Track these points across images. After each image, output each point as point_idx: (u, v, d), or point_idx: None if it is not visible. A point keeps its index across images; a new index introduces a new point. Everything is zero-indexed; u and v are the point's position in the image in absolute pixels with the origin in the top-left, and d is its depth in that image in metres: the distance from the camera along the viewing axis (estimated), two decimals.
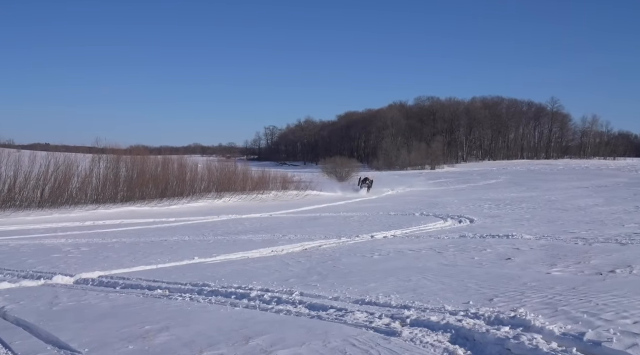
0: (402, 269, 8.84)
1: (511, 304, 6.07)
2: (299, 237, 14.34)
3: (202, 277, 8.67)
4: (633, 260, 8.81)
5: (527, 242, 11.65)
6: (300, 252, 11.82)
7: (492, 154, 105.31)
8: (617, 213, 18.16)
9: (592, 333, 4.77)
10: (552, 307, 5.79)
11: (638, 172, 55.68)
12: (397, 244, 12.62)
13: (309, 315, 6.05)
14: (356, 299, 6.67)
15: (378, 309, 6.15)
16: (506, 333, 4.95)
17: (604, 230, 13.41)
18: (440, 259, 9.89)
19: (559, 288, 6.81)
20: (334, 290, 7.30)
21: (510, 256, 9.83)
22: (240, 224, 19.72)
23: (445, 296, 6.65)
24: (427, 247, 11.57)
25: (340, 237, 14.02)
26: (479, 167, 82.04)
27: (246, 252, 11.82)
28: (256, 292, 7.27)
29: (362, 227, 16.68)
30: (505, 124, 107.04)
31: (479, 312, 5.72)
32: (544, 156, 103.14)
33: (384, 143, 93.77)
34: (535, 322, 5.15)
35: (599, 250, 10.14)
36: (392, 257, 10.42)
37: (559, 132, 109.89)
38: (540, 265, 8.82)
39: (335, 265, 9.60)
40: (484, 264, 9.19)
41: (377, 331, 5.28)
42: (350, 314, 5.91)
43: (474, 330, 5.12)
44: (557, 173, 57.38)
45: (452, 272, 8.40)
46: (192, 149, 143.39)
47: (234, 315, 6.19)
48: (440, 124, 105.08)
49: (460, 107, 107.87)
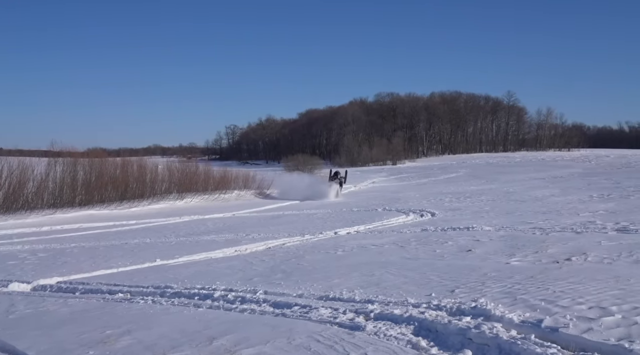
0: (366, 264, 8.91)
1: (472, 294, 6.18)
2: (262, 236, 14.28)
3: (164, 279, 8.56)
4: (588, 248, 9.07)
5: (487, 234, 11.87)
6: (264, 251, 11.79)
7: (452, 148, 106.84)
8: (573, 203, 18.67)
9: (549, 320, 4.90)
10: (512, 296, 5.93)
11: (592, 162, 57.32)
12: (360, 239, 12.70)
13: (273, 314, 6.04)
14: (320, 296, 6.69)
15: (342, 304, 6.18)
16: (467, 323, 5.04)
17: (560, 220, 13.77)
18: (402, 253, 9.99)
19: (518, 277, 6.96)
20: (298, 287, 7.30)
21: (470, 248, 10.00)
22: (203, 224, 19.52)
23: (408, 289, 6.73)
24: (390, 242, 11.67)
25: (304, 235, 14.03)
26: (440, 161, 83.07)
27: (209, 253, 11.72)
28: (220, 293, 7.22)
29: (325, 224, 16.72)
30: (464, 119, 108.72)
31: (441, 303, 5.81)
32: (501, 149, 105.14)
33: (346, 140, 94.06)
34: (495, 312, 5.27)
35: (555, 239, 10.41)
36: (355, 253, 10.48)
37: (516, 125, 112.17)
38: (499, 255, 9.00)
39: (299, 263, 9.60)
40: (445, 256, 9.32)
41: (342, 326, 5.31)
42: (315, 311, 5.93)
43: (437, 321, 5.20)
44: (514, 165, 58.59)
45: (414, 266, 8.50)
46: (152, 150, 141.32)
47: (198, 316, 6.13)
48: (400, 120, 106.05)
49: (419, 102, 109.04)
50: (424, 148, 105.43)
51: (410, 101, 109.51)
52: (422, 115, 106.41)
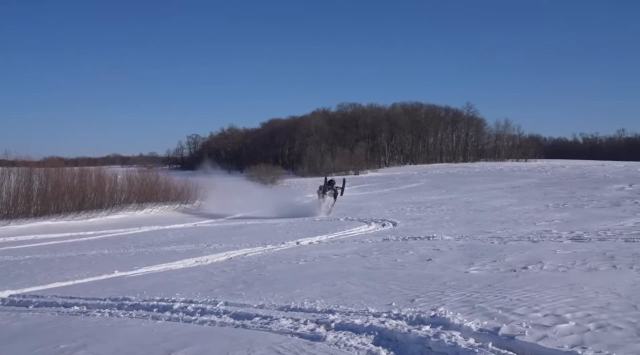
0: (327, 274, 8.91)
1: (432, 303, 6.25)
2: (223, 246, 14.17)
3: (122, 291, 8.40)
4: (544, 256, 9.27)
5: (447, 243, 12.03)
6: (225, 262, 11.69)
7: (413, 158, 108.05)
8: (530, 212, 19.09)
9: (506, 328, 4.99)
10: (470, 305, 6.01)
11: (548, 173, 58.72)
12: (322, 249, 12.71)
13: (233, 325, 5.99)
14: (281, 306, 6.66)
15: (303, 314, 6.17)
16: (427, 332, 5.09)
17: (517, 229, 14.06)
18: (364, 263, 10.03)
19: (476, 286, 7.07)
20: (259, 298, 7.26)
21: (431, 257, 10.11)
22: (163, 235, 19.26)
23: (369, 299, 6.76)
24: (352, 252, 11.71)
25: (266, 245, 13.97)
26: (401, 171, 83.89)
27: (169, 264, 11.55)
28: (179, 304, 7.12)
29: (287, 234, 16.69)
30: (425, 129, 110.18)
31: (402, 312, 5.85)
32: (461, 159, 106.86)
33: (309, 150, 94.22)
34: (454, 320, 5.33)
35: (513, 248, 10.62)
36: (317, 263, 10.48)
37: (475, 136, 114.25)
38: (459, 264, 9.12)
39: (260, 273, 9.54)
40: (406, 265, 9.40)
41: (302, 337, 5.29)
42: (276, 321, 5.90)
43: (397, 330, 5.23)
44: (474, 175, 59.60)
45: (375, 275, 8.55)
46: (111, 160, 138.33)
47: (156, 328, 6.03)
48: (362, 130, 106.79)
49: (381, 113, 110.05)
50: (386, 158, 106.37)
51: (373, 112, 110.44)
52: (384, 125, 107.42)
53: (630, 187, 29.15)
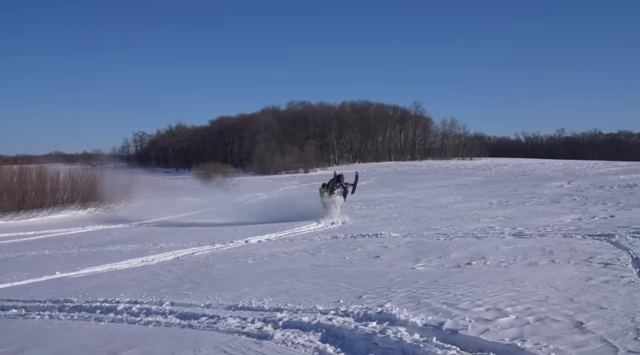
0: (276, 272, 8.89)
1: (379, 300, 6.32)
2: (171, 246, 13.94)
3: (63, 293, 8.14)
4: (487, 252, 9.53)
5: (395, 240, 12.19)
6: (172, 261, 11.51)
7: (362, 156, 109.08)
8: (474, 209, 19.57)
9: (450, 322, 5.11)
10: (416, 301, 6.12)
11: (492, 171, 60.37)
12: (271, 247, 12.68)
13: (179, 325, 5.90)
14: (229, 305, 6.61)
15: (251, 313, 6.14)
16: (373, 328, 5.15)
17: (462, 226, 14.39)
18: (313, 261, 10.06)
19: (422, 282, 7.20)
20: (206, 297, 7.17)
21: (379, 254, 10.23)
22: (108, 234, 18.80)
23: (317, 296, 6.78)
24: (301, 250, 11.73)
25: (214, 244, 13.83)
26: (351, 169, 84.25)
27: (114, 264, 11.28)
28: (124, 305, 6.96)
29: (236, 233, 16.55)
30: (374, 128, 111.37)
31: (349, 309, 5.90)
32: (409, 158, 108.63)
33: (258, 148, 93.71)
34: (400, 316, 5.41)
35: (458, 244, 10.86)
36: (266, 261, 10.45)
37: (422, 134, 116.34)
38: (406, 261, 9.26)
39: (208, 272, 9.44)
40: (354, 263, 9.48)
41: (250, 336, 5.27)
42: (223, 321, 5.85)
43: (344, 327, 5.27)
44: (421, 173, 60.68)
45: (324, 273, 8.59)
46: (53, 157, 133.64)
47: (99, 330, 5.88)
48: (312, 128, 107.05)
49: (331, 111, 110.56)
50: (336, 156, 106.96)
51: (322, 110, 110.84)
52: (334, 124, 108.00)
53: (569, 185, 30.28)
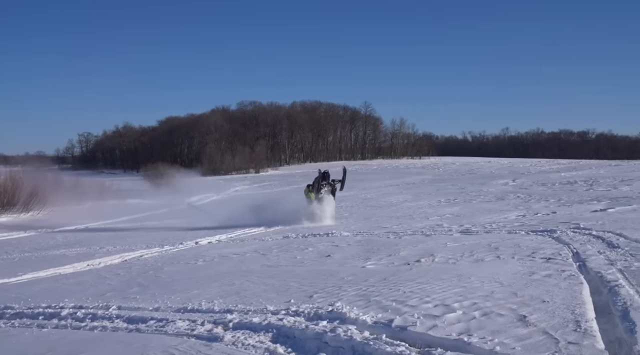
0: (227, 274, 8.82)
1: (329, 298, 6.35)
2: (118, 249, 13.64)
3: (4, 300, 7.84)
4: (435, 249, 9.71)
5: (346, 239, 12.28)
6: (120, 264, 11.26)
7: (313, 156, 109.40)
8: (423, 207, 19.92)
9: (399, 319, 5.18)
10: (366, 299, 6.17)
11: (440, 169, 61.61)
12: (222, 248, 12.57)
13: (127, 330, 5.78)
14: (178, 308, 6.51)
15: (201, 315, 6.06)
16: (324, 327, 5.17)
17: (412, 224, 14.62)
18: (264, 261, 10.03)
19: (372, 280, 7.27)
20: (155, 300, 7.05)
21: (330, 253, 10.27)
22: (52, 238, 18.23)
23: (267, 297, 6.76)
24: (252, 250, 11.67)
25: (163, 246, 13.60)
26: (302, 169, 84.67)
27: (58, 268, 10.94)
28: (68, 310, 6.76)
29: (186, 234, 16.34)
30: (324, 128, 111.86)
31: (300, 309, 5.90)
32: (360, 157, 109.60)
33: (208, 148, 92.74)
34: (350, 314, 5.45)
35: (407, 242, 11.02)
36: (216, 263, 10.35)
37: (372, 134, 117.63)
38: (356, 259, 9.33)
39: (157, 275, 9.28)
40: (305, 262, 9.50)
41: (199, 338, 5.21)
42: (172, 324, 5.76)
43: (295, 327, 5.27)
44: (371, 173, 61.33)
45: (275, 273, 8.57)
46: None
47: (41, 337, 5.69)
48: (263, 128, 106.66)
49: (281, 111, 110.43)
50: (287, 156, 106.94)
51: (273, 110, 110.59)
52: (284, 124, 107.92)
53: (513, 182, 31.19)
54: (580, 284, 6.20)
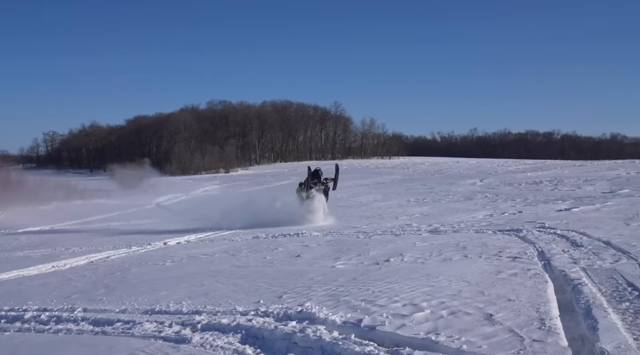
0: (195, 274, 8.74)
1: (299, 299, 6.34)
2: (84, 250, 13.38)
3: None
4: (405, 249, 9.78)
5: (315, 239, 12.29)
6: (86, 266, 11.05)
7: (284, 156, 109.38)
8: (393, 207, 20.06)
9: (368, 319, 5.20)
10: (335, 298, 6.19)
11: (409, 169, 62.18)
12: (190, 249, 12.46)
13: (92, 332, 5.67)
14: (146, 310, 6.42)
15: (168, 317, 6.00)
16: (293, 328, 5.17)
17: (381, 224, 14.71)
18: (233, 261, 9.97)
19: (342, 280, 7.29)
20: (121, 302, 6.94)
21: (299, 253, 10.26)
22: (15, 239, 17.81)
23: (237, 298, 6.72)
24: (221, 251, 11.58)
25: (131, 246, 13.40)
26: (272, 169, 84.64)
27: (21, 270, 10.67)
28: (31, 313, 6.60)
29: (154, 235, 16.13)
30: (295, 127, 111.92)
31: (269, 310, 5.88)
32: (330, 157, 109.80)
33: (177, 148, 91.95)
34: (319, 314, 5.46)
35: (377, 242, 11.08)
36: (185, 263, 10.25)
37: (343, 134, 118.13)
38: (326, 259, 9.34)
39: (124, 276, 9.14)
40: (275, 262, 9.47)
41: (167, 340, 5.15)
42: (139, 326, 5.68)
43: (264, 328, 5.25)
44: (342, 172, 61.23)
45: (244, 273, 8.52)
46: None
47: (3, 341, 5.55)
48: (233, 128, 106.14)
49: (251, 111, 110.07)
50: (257, 156, 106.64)
51: (243, 109, 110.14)
52: (254, 123, 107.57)
53: (481, 182, 31.63)
54: (545, 283, 6.33)
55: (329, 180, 18.20)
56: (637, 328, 4.57)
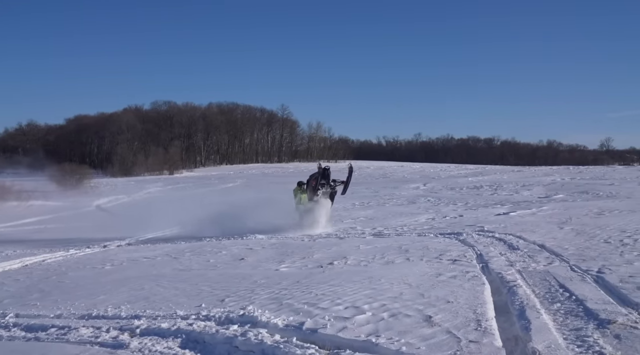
0: (136, 278, 8.55)
1: (241, 302, 6.30)
2: (18, 253, 12.89)
3: None
4: (348, 252, 9.86)
5: (260, 242, 12.23)
6: (20, 269, 10.63)
7: (229, 158, 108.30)
8: (338, 210, 20.14)
9: (310, 322, 5.22)
10: (278, 302, 6.18)
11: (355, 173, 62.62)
12: (131, 252, 12.17)
13: (24, 338, 5.47)
14: (82, 314, 6.24)
15: (106, 322, 5.84)
16: (235, 331, 5.13)
17: (326, 227, 14.73)
18: (175, 265, 9.80)
19: (285, 283, 7.29)
20: (57, 307, 6.72)
21: (243, 256, 10.20)
22: None
23: (178, 301, 6.61)
24: (163, 254, 11.38)
25: (69, 250, 12.99)
26: (217, 171, 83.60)
27: None
28: None
29: (94, 237, 15.67)
30: (241, 130, 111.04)
31: (211, 313, 5.82)
32: (276, 160, 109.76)
33: (120, 148, 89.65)
34: (261, 318, 5.44)
35: (321, 245, 11.13)
36: (125, 267, 10.00)
37: (289, 137, 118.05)
38: (270, 263, 9.32)
39: (60, 281, 8.85)
40: (218, 266, 9.38)
41: (103, 346, 5.02)
42: (74, 331, 5.51)
43: (205, 332, 5.19)
44: (288, 175, 61.36)
45: (186, 277, 8.40)
46: None
47: None
48: (177, 129, 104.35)
49: (197, 112, 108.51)
50: (202, 158, 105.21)
51: (188, 110, 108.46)
52: (200, 125, 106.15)
53: (424, 186, 32.28)
54: (483, 285, 6.51)
55: (337, 182, 16.13)
56: (567, 328, 4.77)
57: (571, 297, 5.73)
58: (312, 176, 15.59)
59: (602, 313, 5.06)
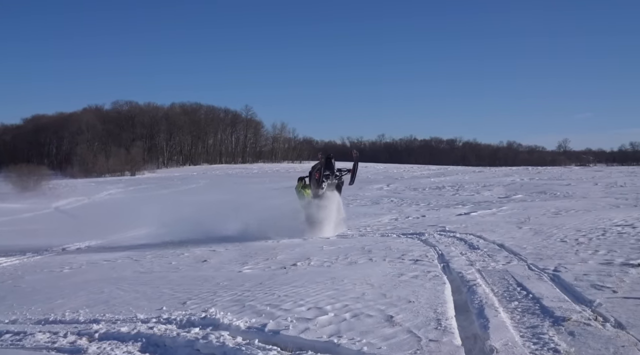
0: (95, 281, 8.40)
1: (203, 305, 6.25)
2: None
3: None
4: (312, 253, 9.88)
5: (223, 243, 12.13)
6: None
7: (193, 159, 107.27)
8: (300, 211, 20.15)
9: (273, 323, 5.21)
10: (241, 304, 6.15)
11: None
12: (91, 255, 11.95)
13: None
14: (39, 319, 6.10)
15: (64, 327, 5.72)
16: (196, 334, 5.09)
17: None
18: (137, 267, 9.67)
19: (248, 285, 7.26)
20: (12, 312, 6.54)
21: (206, 258, 10.12)
22: None
23: (138, 305, 6.52)
24: (124, 256, 11.20)
25: (25, 253, 12.64)
26: (180, 172, 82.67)
27: None
28: None
29: (52, 240, 15.26)
30: (205, 130, 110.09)
31: (172, 316, 5.76)
32: (240, 161, 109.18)
33: (79, 149, 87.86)
34: (224, 320, 5.41)
35: (284, 246, 11.12)
36: (84, 270, 9.81)
37: (254, 138, 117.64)
38: (233, 264, 9.27)
39: (16, 285, 8.63)
40: (180, 268, 9.28)
41: (60, 351, 4.93)
42: (30, 337, 5.38)
43: (165, 335, 5.14)
44: (252, 176, 61.18)
45: (147, 279, 8.29)
46: None
47: None
48: (139, 130, 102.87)
49: (159, 112, 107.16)
50: (165, 159, 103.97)
51: (150, 111, 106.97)
52: (163, 125, 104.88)
53: (387, 187, 32.51)
54: (444, 284, 6.61)
55: (344, 172, 14.52)
56: (523, 326, 4.88)
57: (528, 296, 5.86)
58: (314, 168, 13.82)
59: (557, 311, 5.20)
